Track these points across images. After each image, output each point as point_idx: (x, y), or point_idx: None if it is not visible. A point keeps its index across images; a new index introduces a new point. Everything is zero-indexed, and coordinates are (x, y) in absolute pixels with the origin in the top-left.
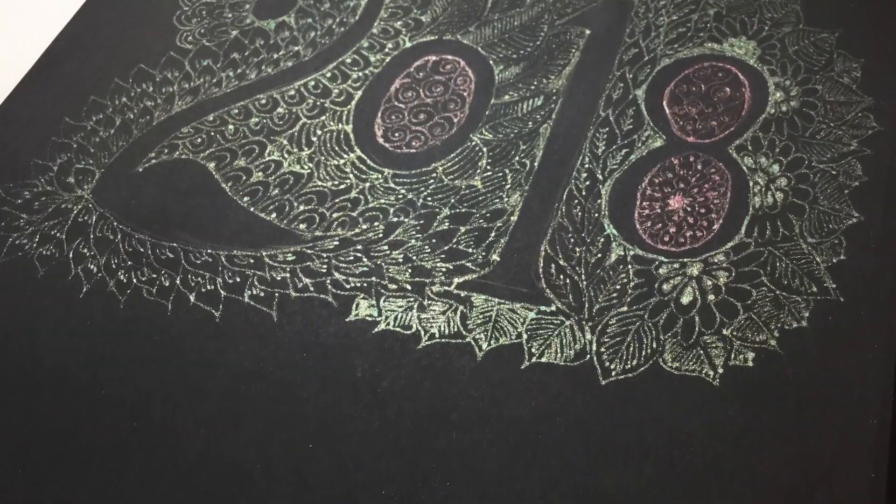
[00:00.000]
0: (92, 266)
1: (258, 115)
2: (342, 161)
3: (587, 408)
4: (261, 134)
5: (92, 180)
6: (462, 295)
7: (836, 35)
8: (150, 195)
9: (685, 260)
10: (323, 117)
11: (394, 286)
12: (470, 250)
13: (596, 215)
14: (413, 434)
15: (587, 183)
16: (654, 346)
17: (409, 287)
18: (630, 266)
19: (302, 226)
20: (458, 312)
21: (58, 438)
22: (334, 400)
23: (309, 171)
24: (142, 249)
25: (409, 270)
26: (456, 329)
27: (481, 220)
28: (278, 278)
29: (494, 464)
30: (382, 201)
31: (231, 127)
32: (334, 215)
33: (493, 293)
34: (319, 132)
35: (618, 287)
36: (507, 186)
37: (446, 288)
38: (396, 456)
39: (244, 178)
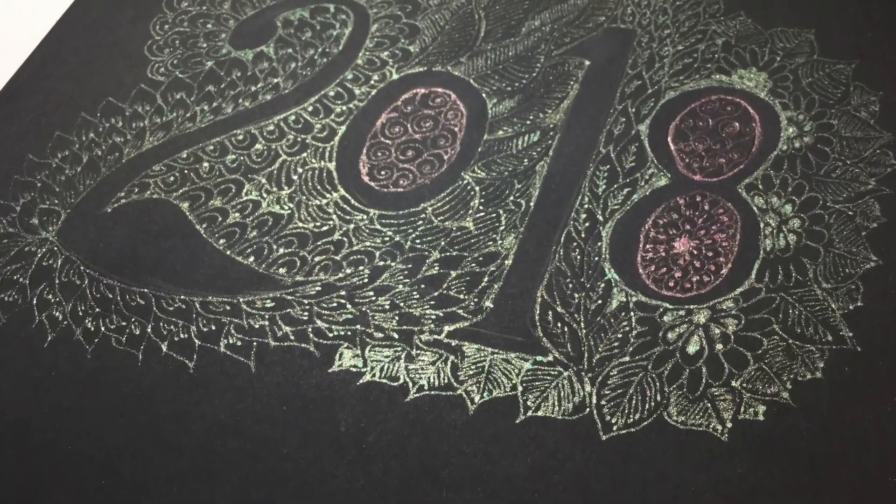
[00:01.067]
0: (57, 313)
1: (235, 151)
2: (325, 201)
3: (587, 465)
4: (238, 172)
5: (57, 221)
6: (453, 344)
7: (852, 66)
8: (120, 237)
9: (691, 306)
10: (304, 154)
11: (380, 335)
12: (461, 296)
13: (596, 259)
14: (400, 493)
15: (587, 224)
16: (658, 398)
17: (396, 336)
18: (632, 313)
19: (282, 270)
20: (449, 363)
21: (20, 498)
22: (316, 456)
23: (289, 211)
24: (110, 295)
25: (397, 318)
26: (446, 380)
27: (473, 265)
28: (256, 326)
29: None
30: (368, 244)
31: (206, 164)
32: (316, 259)
33: (486, 342)
34: (300, 170)
35: (619, 336)
36: (501, 228)
37: (436, 336)
38: None
39: (220, 219)
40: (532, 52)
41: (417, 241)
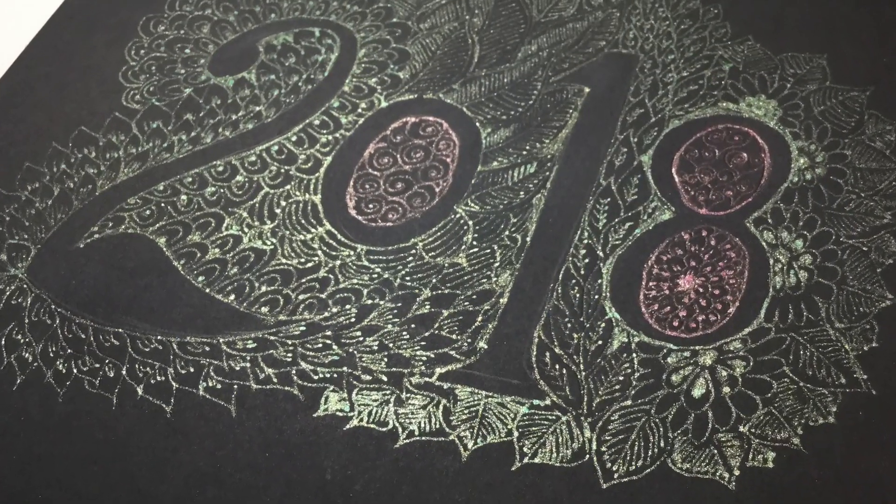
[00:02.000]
0: (27, 354)
1: (214, 184)
2: (309, 236)
3: None
4: (217, 205)
5: (27, 257)
6: (445, 387)
7: (867, 93)
8: (93, 274)
9: (697, 347)
10: (288, 186)
11: (368, 377)
12: (454, 337)
13: (596, 297)
14: None
15: (586, 261)
16: (662, 444)
17: (384, 378)
18: (634, 354)
19: (264, 309)
20: (441, 407)
21: None
22: None
23: (272, 247)
24: (83, 336)
25: (385, 359)
26: (438, 426)
27: (466, 303)
28: (237, 368)
29: None
30: (355, 281)
31: (184, 197)
32: (301, 297)
33: (480, 385)
34: (284, 203)
35: (621, 378)
36: (496, 265)
37: (427, 379)
38: None
39: (198, 255)
40: (528, 78)
41: (407, 278)
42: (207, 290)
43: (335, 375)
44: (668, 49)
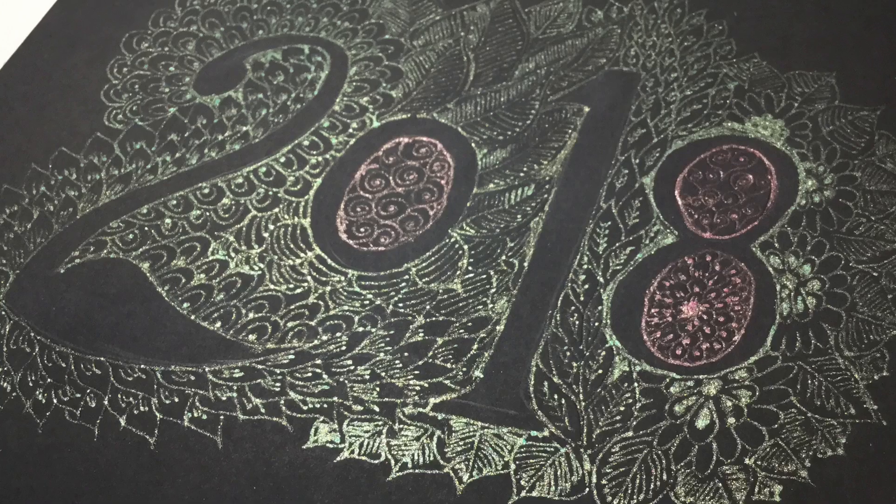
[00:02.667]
0: (5, 384)
1: (200, 206)
2: (298, 261)
3: None
4: (203, 229)
5: (5, 283)
6: (439, 418)
7: (877, 113)
8: (74, 301)
9: (701, 377)
10: (276, 209)
11: (359, 408)
12: (448, 366)
13: (596, 324)
14: None
15: (586, 287)
16: (665, 477)
17: (376, 409)
18: (636, 384)
19: (251, 337)
20: (435, 438)
21: None
22: None
23: (259, 272)
24: (63, 364)
25: (377, 389)
26: (432, 458)
27: (462, 331)
28: (224, 398)
29: None
30: (346, 308)
31: (168, 221)
32: (289, 325)
33: (476, 416)
34: (272, 227)
35: (622, 408)
36: (492, 291)
37: (421, 410)
38: None
39: (183, 280)
40: (526, 97)
41: (400, 304)
42: (193, 317)
43: (325, 406)
44: (671, 67)
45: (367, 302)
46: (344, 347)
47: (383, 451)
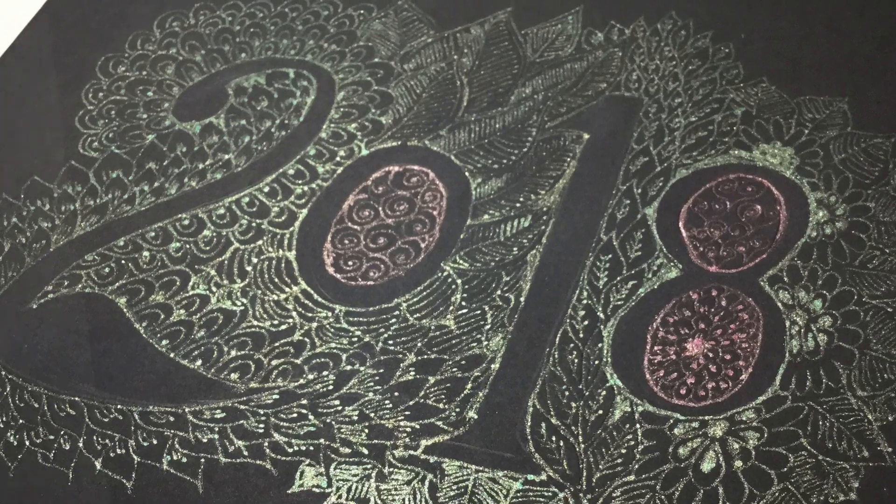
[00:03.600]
0: None
1: (179, 238)
2: (283, 296)
3: None
4: (183, 262)
5: None
6: (431, 461)
7: (892, 140)
8: (47, 338)
9: (706, 417)
10: (259, 242)
11: (347, 450)
12: (441, 406)
13: (596, 363)
14: None
15: (585, 323)
16: None
17: (365, 451)
18: (638, 425)
19: (234, 376)
20: (427, 482)
21: None
22: None
23: (242, 308)
24: (36, 405)
25: (366, 431)
26: (424, 503)
27: (455, 369)
28: (204, 440)
29: None
30: (333, 345)
31: (146, 254)
32: (274, 363)
33: (470, 458)
34: (255, 260)
35: (623, 451)
36: (487, 327)
37: (412, 452)
38: None
39: (162, 316)
40: (523, 123)
41: (390, 342)
42: (172, 355)
43: (311, 448)
44: (675, 92)
45: (356, 339)
46: (331, 387)
47: (372, 496)
